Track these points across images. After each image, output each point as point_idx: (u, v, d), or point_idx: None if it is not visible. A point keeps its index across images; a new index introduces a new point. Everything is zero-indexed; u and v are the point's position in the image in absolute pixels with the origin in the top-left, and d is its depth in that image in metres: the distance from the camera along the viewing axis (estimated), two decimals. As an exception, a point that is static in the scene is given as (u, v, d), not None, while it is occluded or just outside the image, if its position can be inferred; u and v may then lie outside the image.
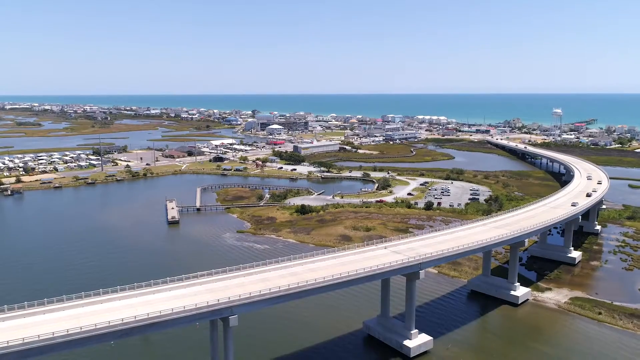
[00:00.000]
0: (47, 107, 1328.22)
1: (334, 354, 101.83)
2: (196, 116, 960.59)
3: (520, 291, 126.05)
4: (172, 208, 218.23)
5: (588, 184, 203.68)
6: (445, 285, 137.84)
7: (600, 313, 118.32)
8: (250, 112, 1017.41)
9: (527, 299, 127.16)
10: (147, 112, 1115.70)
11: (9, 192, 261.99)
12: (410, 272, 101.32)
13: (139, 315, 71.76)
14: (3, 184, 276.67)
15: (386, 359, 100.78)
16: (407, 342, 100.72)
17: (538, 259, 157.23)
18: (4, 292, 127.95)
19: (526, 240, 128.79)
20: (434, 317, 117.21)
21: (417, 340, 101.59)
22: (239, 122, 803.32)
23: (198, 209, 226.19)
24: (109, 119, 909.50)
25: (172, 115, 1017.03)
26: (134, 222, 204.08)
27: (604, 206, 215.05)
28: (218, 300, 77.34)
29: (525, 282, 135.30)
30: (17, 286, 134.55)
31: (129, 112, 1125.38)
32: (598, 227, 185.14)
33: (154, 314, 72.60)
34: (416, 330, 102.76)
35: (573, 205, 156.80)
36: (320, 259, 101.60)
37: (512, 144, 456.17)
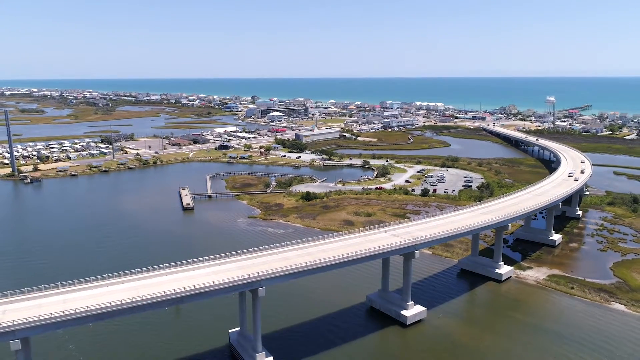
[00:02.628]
0: (46, 93, 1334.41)
1: (342, 322, 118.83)
2: (196, 102, 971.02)
3: (504, 269, 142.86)
4: (186, 195, 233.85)
5: (573, 171, 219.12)
6: (438, 264, 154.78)
7: (572, 288, 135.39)
8: (249, 98, 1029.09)
9: (510, 276, 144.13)
10: (147, 98, 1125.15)
11: (29, 180, 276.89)
12: (407, 253, 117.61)
13: (187, 286, 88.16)
14: (22, 172, 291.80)
15: (386, 327, 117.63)
16: (404, 312, 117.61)
17: (522, 241, 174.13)
18: (52, 270, 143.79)
19: (509, 224, 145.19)
20: (428, 292, 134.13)
21: (413, 311, 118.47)
22: (239, 109, 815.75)
23: (209, 196, 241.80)
24: (110, 105, 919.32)
25: (173, 101, 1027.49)
26: (151, 209, 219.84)
27: (587, 192, 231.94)
28: (249, 275, 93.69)
29: (509, 262, 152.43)
30: (60, 265, 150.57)
31: (129, 99, 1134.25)
32: (579, 212, 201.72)
33: (199, 285, 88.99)
34: (412, 302, 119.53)
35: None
36: (330, 241, 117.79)
37: (506, 131, 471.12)
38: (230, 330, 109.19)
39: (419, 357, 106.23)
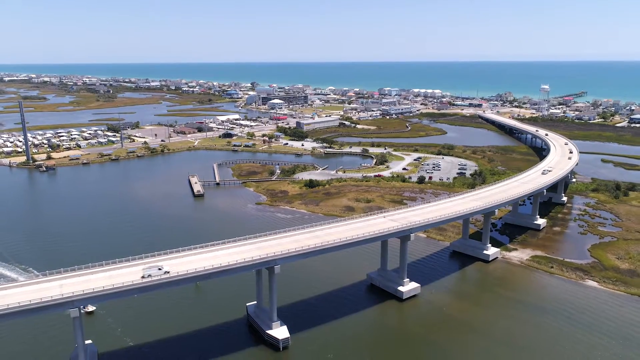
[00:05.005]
0: (46, 79, 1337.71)
1: (346, 297, 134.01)
2: (196, 89, 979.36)
3: (491, 251, 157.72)
4: (196, 182, 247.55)
5: (559, 161, 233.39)
6: (432, 246, 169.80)
7: (552, 267, 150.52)
8: (249, 85, 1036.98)
9: (497, 257, 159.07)
10: (147, 84, 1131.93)
11: (44, 169, 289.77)
12: (403, 236, 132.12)
13: (215, 264, 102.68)
14: (36, 160, 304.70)
15: (384, 301, 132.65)
16: (400, 288, 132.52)
17: (510, 225, 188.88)
18: (82, 251, 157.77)
19: (496, 210, 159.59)
20: (422, 270, 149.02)
21: (409, 287, 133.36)
22: (239, 95, 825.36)
23: (217, 184, 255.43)
24: (111, 92, 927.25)
25: (173, 87, 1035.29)
26: (164, 195, 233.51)
27: (573, 180, 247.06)
28: (267, 254, 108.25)
29: (497, 244, 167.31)
30: (89, 246, 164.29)
31: (129, 85, 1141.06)
32: (564, 199, 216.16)
33: (224, 263, 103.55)
34: (408, 279, 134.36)
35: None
36: (334, 226, 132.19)
37: (500, 118, 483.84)
38: (247, 304, 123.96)
39: (414, 328, 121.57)
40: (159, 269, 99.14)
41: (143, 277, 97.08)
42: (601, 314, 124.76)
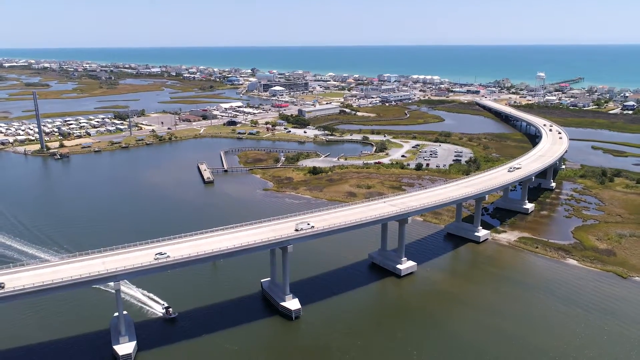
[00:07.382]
0: (46, 65, 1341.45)
1: (349, 274, 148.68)
2: (197, 75, 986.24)
3: (482, 232, 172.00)
4: (205, 170, 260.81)
5: (550, 149, 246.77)
6: (428, 229, 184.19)
7: (537, 247, 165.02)
8: (249, 71, 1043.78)
9: (487, 238, 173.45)
10: (148, 70, 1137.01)
11: (58, 156, 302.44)
12: (401, 219, 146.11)
13: (236, 244, 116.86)
14: (50, 148, 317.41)
15: (384, 278, 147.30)
16: (399, 266, 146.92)
17: (501, 210, 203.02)
18: (109, 232, 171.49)
19: (487, 195, 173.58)
20: (419, 250, 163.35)
21: (406, 265, 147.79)
22: (240, 82, 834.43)
23: (225, 171, 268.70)
24: (112, 78, 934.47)
25: (173, 74, 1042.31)
26: (175, 182, 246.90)
27: (563, 166, 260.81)
28: (281, 235, 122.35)
29: (488, 227, 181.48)
30: (115, 228, 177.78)
31: (130, 71, 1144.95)
32: (553, 184, 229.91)
33: (245, 243, 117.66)
34: (405, 258, 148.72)
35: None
36: (339, 210, 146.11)
37: (497, 105, 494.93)
38: (262, 280, 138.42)
39: (411, 301, 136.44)
40: (308, 224, 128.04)
41: (296, 229, 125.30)
42: (579, 288, 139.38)
